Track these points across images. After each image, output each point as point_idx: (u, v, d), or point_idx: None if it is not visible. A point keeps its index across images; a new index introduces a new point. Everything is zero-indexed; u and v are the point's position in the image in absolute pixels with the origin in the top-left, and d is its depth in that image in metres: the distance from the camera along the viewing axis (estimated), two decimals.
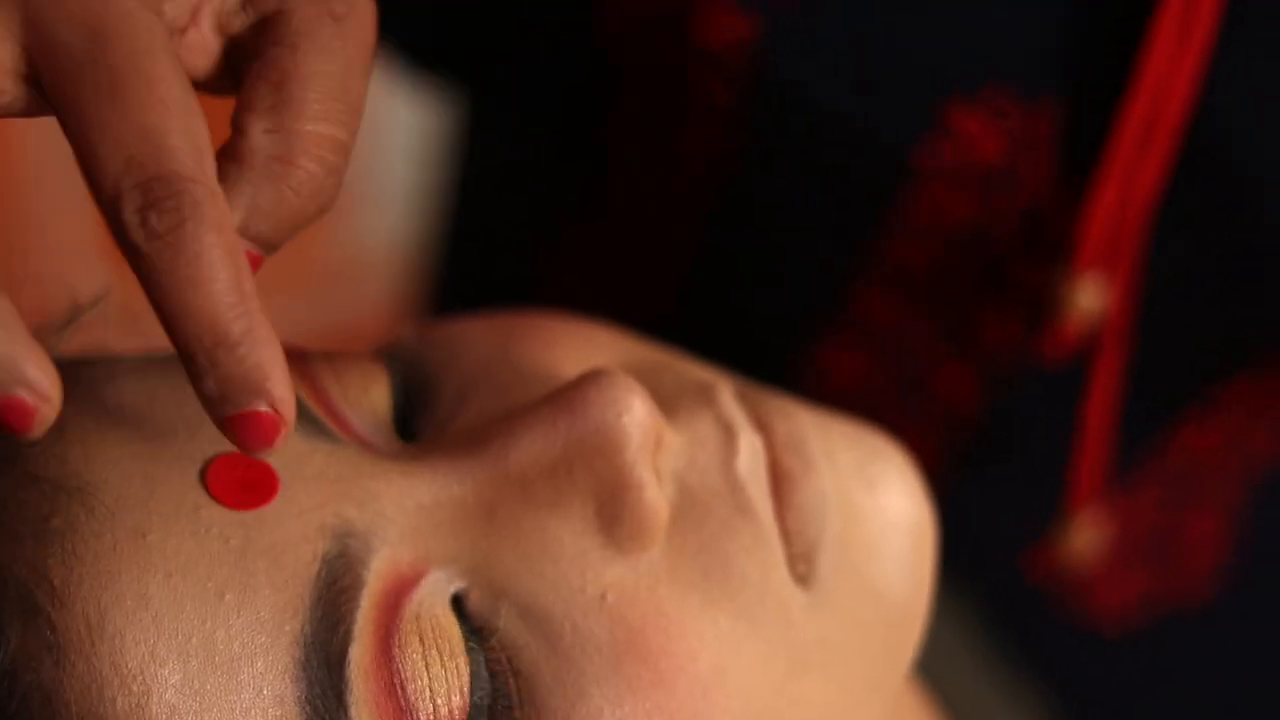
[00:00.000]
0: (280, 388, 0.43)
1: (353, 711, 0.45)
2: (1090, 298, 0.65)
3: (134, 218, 0.42)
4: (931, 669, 0.63)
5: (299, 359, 0.50)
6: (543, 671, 0.47)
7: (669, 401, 0.51)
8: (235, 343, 0.42)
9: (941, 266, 0.67)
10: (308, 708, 0.45)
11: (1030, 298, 0.67)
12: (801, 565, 0.50)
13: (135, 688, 0.44)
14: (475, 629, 0.47)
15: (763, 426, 0.50)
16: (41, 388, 0.42)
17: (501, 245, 0.88)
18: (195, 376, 0.43)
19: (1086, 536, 0.72)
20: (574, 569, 0.48)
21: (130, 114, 0.42)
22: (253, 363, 0.43)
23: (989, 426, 0.72)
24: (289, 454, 0.48)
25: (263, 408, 0.43)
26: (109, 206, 0.42)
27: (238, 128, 0.45)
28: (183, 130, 0.43)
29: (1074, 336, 0.66)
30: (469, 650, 0.47)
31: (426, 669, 0.46)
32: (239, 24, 0.47)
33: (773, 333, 0.73)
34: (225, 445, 0.47)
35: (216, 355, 0.42)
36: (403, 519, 0.48)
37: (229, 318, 0.42)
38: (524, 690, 0.47)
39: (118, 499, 0.46)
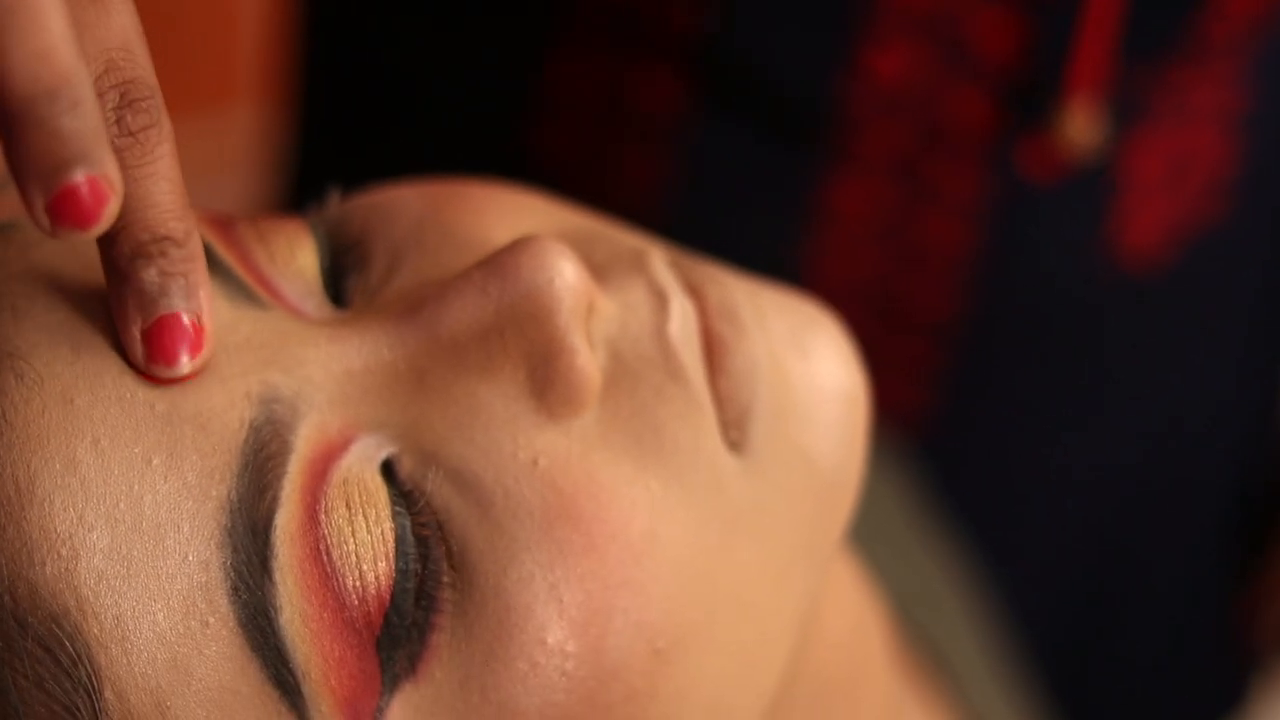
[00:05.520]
0: (207, 303, 0.46)
1: (277, 577, 0.45)
2: None
3: (110, 115, 0.44)
4: (866, 536, 0.64)
5: (224, 225, 0.50)
6: (474, 537, 0.47)
7: (601, 268, 0.50)
8: (182, 241, 0.45)
9: None
10: (232, 574, 0.45)
11: None
12: (734, 431, 0.50)
13: (64, 552, 0.44)
14: (405, 494, 0.47)
15: (695, 293, 0.50)
16: (116, 177, 0.42)
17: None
18: (140, 265, 0.45)
19: (1081, 124, 0.75)
20: (505, 434, 0.48)
21: (112, 17, 0.44)
22: (197, 261, 0.46)
23: (1032, 73, 0.75)
24: (216, 321, 0.47)
25: (199, 309, 0.46)
26: None
27: None
28: (144, 43, 0.45)
29: None
30: (395, 515, 0.47)
31: (353, 534, 0.46)
32: None
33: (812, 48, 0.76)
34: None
35: (165, 247, 0.45)
36: (331, 385, 0.48)
37: (181, 214, 0.45)
38: (455, 555, 0.47)
39: (46, 364, 0.46)
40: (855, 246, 0.81)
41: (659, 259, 0.51)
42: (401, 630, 0.47)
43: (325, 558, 0.46)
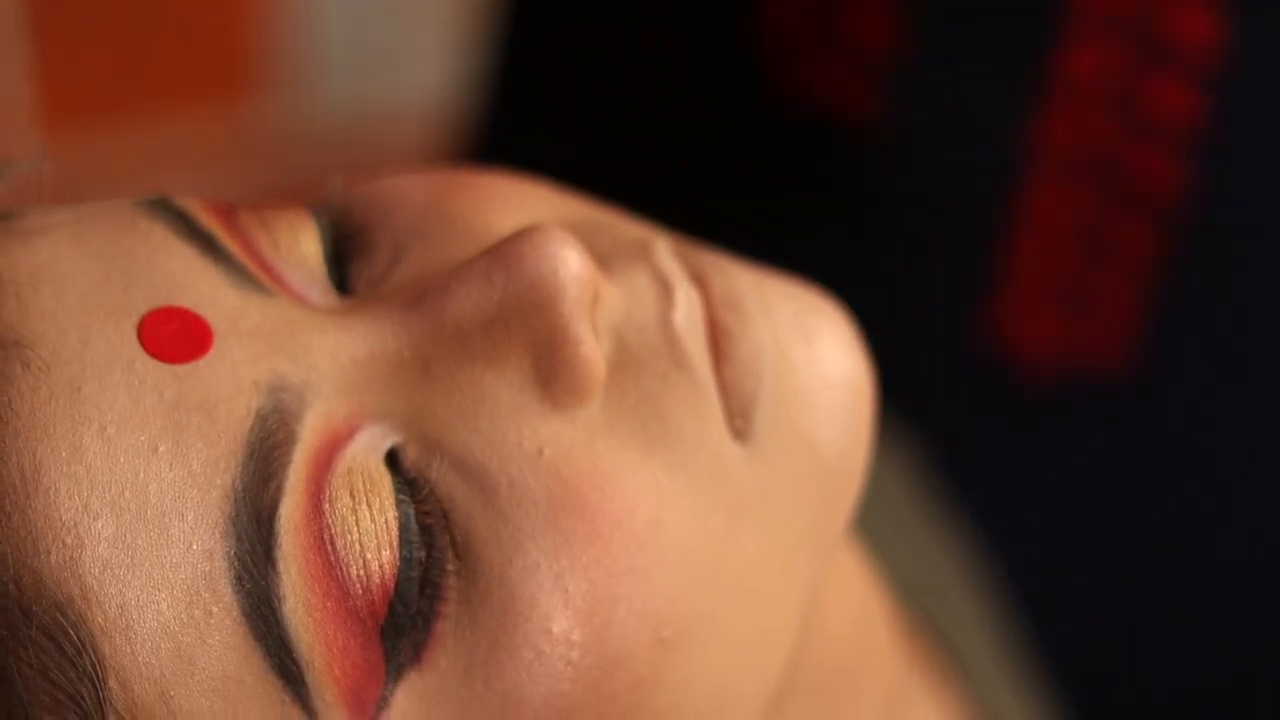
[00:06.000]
0: None
1: (280, 566, 0.45)
2: None
3: None
4: (872, 525, 0.64)
5: (226, 213, 0.50)
6: (479, 526, 0.47)
7: (605, 257, 0.50)
8: None
9: None
10: (236, 563, 0.45)
11: None
12: (739, 420, 0.50)
13: (69, 540, 0.44)
14: (409, 482, 0.47)
15: (699, 281, 0.50)
16: None
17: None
18: None
19: None
20: (510, 423, 0.48)
21: None
22: None
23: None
24: (223, 307, 0.47)
25: None
26: None
27: None
28: None
29: None
30: (400, 504, 0.47)
31: (356, 523, 0.46)
32: None
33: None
34: (160, 300, 0.47)
35: None
36: (337, 373, 0.48)
37: None
38: (459, 545, 0.47)
39: (53, 352, 0.46)
40: (1085, 114, 0.79)
41: (663, 248, 0.51)
42: (406, 619, 0.47)
43: (329, 547, 0.46)
